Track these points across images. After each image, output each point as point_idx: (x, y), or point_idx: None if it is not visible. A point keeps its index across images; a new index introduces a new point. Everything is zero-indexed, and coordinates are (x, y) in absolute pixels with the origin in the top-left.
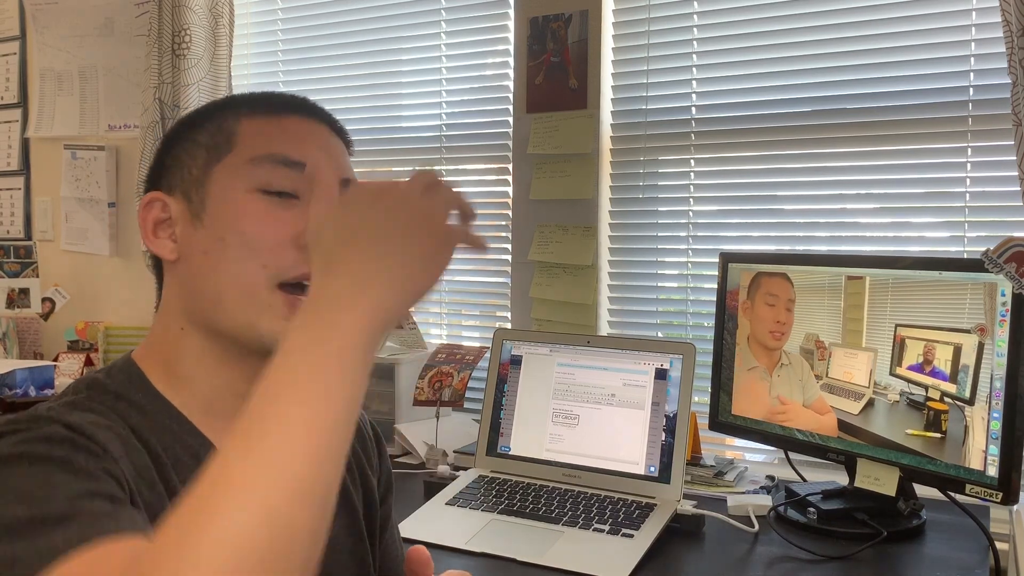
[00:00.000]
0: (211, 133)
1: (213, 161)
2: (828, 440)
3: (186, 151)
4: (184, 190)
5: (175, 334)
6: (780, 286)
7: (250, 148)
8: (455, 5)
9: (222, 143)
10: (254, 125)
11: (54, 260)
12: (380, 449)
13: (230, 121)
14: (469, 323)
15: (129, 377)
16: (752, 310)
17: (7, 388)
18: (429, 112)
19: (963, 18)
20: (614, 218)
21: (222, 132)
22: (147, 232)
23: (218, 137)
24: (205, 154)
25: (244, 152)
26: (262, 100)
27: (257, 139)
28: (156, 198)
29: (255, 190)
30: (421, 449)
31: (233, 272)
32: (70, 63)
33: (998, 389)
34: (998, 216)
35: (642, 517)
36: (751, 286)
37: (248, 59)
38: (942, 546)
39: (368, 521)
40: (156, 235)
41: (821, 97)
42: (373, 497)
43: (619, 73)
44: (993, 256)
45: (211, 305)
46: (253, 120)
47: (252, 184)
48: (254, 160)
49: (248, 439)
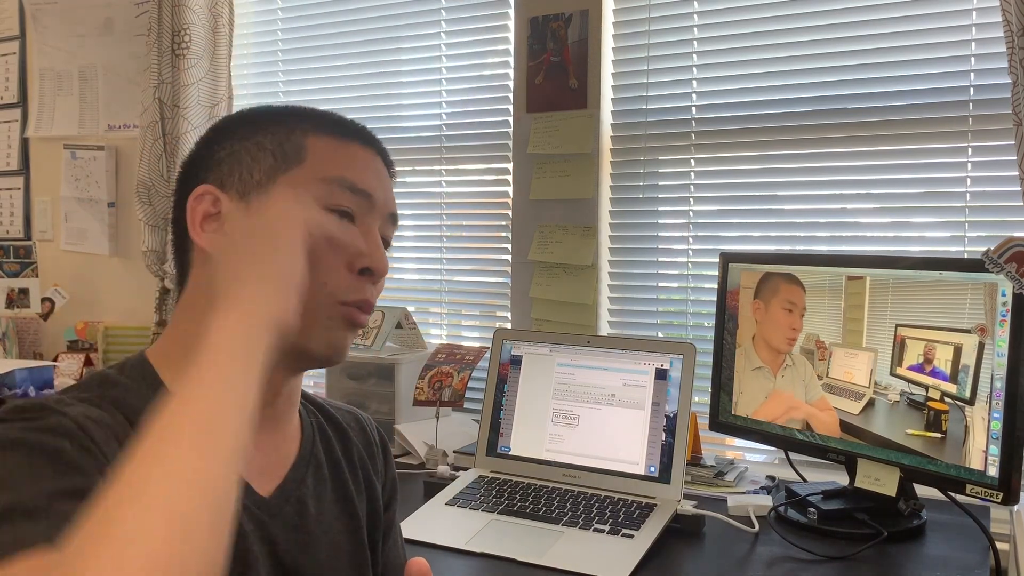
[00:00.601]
0: (279, 140)
1: (280, 170)
2: (828, 440)
3: (247, 151)
4: (243, 191)
5: (197, 332)
6: (797, 294)
7: (321, 167)
8: (455, 5)
9: (291, 154)
10: (325, 145)
11: (54, 260)
12: (386, 456)
13: (298, 134)
14: (469, 323)
15: (143, 375)
16: (765, 312)
17: (7, 388)
18: (429, 112)
19: (963, 18)
20: (614, 218)
21: (291, 143)
22: (195, 223)
23: (287, 146)
24: (272, 160)
25: (315, 169)
26: (329, 121)
27: (328, 160)
28: (209, 191)
29: (321, 208)
30: (421, 449)
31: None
32: (70, 63)
33: (998, 389)
34: (998, 216)
35: (642, 517)
36: (762, 287)
37: (248, 59)
38: (942, 546)
39: (371, 528)
40: (203, 228)
41: (820, 97)
42: (377, 504)
43: (619, 73)
44: (993, 256)
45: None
46: (321, 139)
47: (319, 202)
48: (325, 180)
49: (147, 443)
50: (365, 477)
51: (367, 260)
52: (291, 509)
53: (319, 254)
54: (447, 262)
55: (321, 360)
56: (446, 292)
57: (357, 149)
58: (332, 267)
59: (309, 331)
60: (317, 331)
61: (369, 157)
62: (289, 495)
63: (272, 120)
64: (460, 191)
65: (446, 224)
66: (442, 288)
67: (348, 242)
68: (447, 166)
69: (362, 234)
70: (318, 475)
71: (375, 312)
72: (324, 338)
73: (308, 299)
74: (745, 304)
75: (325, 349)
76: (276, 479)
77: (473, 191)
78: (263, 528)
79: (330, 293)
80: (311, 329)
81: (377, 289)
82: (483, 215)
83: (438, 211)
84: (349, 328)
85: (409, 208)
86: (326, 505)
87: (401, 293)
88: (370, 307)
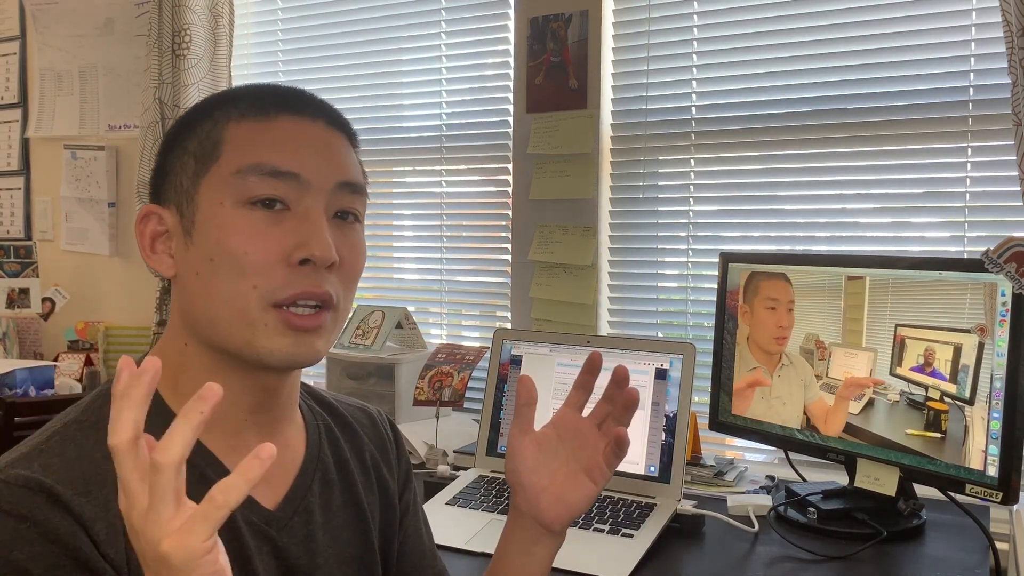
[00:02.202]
0: (199, 140)
1: (201, 172)
2: (828, 440)
3: (178, 158)
4: (177, 202)
5: (180, 349)
6: (779, 288)
7: (237, 158)
8: (455, 5)
9: (209, 151)
10: (242, 130)
11: (54, 260)
12: (399, 446)
13: (219, 126)
14: (469, 323)
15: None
16: (751, 315)
17: (7, 388)
18: (429, 112)
19: (963, 18)
20: (614, 218)
21: (209, 139)
22: (144, 248)
23: (206, 144)
24: (194, 164)
25: (231, 162)
26: (251, 98)
27: (244, 147)
28: (152, 211)
29: (243, 204)
30: (421, 449)
31: (224, 294)
32: (70, 63)
33: (998, 389)
34: (998, 216)
35: (642, 517)
36: (747, 289)
37: (248, 59)
38: (942, 546)
39: (384, 525)
40: (154, 250)
41: (821, 97)
42: (392, 501)
43: (619, 73)
44: (993, 256)
45: (207, 325)
46: (241, 125)
47: (239, 198)
48: (240, 172)
49: None
50: (378, 476)
51: (304, 249)
52: (299, 520)
53: (240, 254)
54: (447, 262)
55: (277, 369)
56: (446, 292)
57: (283, 124)
58: (261, 266)
59: (253, 341)
60: (260, 340)
61: (300, 128)
62: (296, 505)
63: (199, 118)
64: (460, 191)
65: (446, 224)
66: (442, 288)
67: (279, 236)
68: (447, 166)
69: (299, 220)
70: (325, 479)
71: (375, 312)
72: (266, 347)
73: (241, 305)
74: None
75: (272, 357)
76: (282, 489)
77: (473, 191)
78: (270, 543)
79: (260, 296)
80: (254, 339)
81: (344, 274)
82: (483, 215)
83: (438, 211)
84: (290, 333)
85: (409, 208)
86: (334, 510)
87: (401, 293)
88: (318, 297)
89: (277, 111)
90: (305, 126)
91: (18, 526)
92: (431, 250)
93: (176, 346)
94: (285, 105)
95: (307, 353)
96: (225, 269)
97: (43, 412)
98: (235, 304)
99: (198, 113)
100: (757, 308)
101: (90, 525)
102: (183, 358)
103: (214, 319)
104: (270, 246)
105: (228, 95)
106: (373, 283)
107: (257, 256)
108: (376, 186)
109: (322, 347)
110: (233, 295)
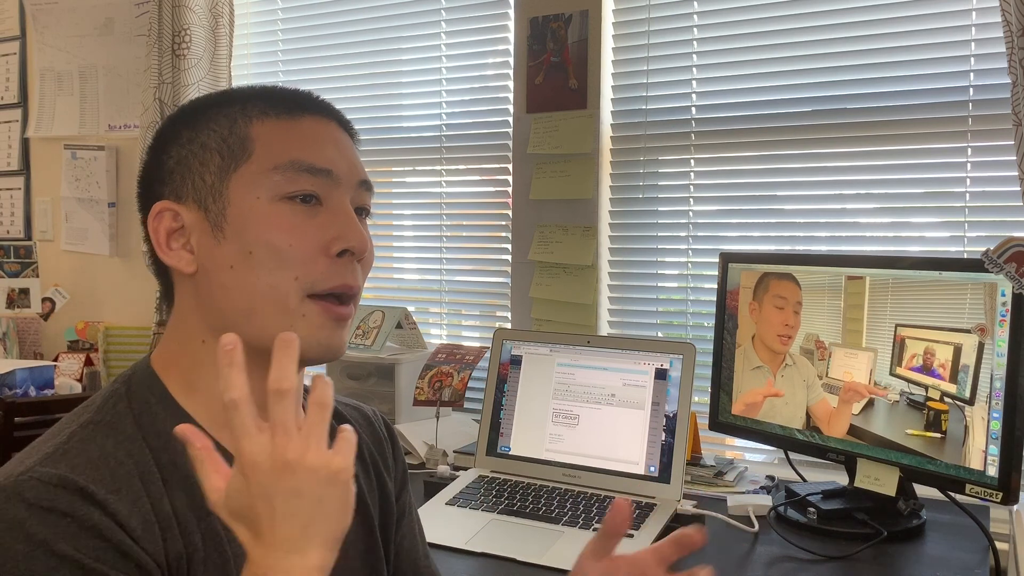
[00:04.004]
0: (221, 136)
1: (230, 169)
2: (828, 440)
3: (194, 155)
4: (199, 199)
5: (196, 347)
6: (789, 288)
7: (271, 155)
8: (455, 5)
9: (237, 149)
10: (270, 129)
11: (54, 260)
12: (395, 446)
13: (241, 123)
14: (469, 323)
15: (151, 388)
16: (760, 312)
17: (7, 388)
18: (429, 112)
19: (963, 18)
20: (614, 218)
21: (235, 136)
22: (160, 244)
23: (231, 141)
24: (219, 160)
25: (265, 160)
26: (272, 99)
27: (277, 145)
28: (166, 208)
29: (280, 199)
30: (421, 449)
31: (265, 285)
32: (70, 63)
33: (998, 389)
34: (998, 216)
35: (642, 517)
36: (758, 287)
37: (248, 59)
38: (942, 546)
39: (384, 524)
40: (170, 247)
41: (821, 97)
42: (389, 500)
43: (619, 73)
44: (993, 256)
45: (243, 318)
46: (267, 123)
47: (277, 193)
48: (277, 168)
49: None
50: (376, 474)
51: (343, 241)
52: None
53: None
54: (447, 262)
55: (313, 360)
56: (446, 292)
57: (308, 123)
58: (303, 258)
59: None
60: (299, 330)
61: (323, 127)
62: None
63: (212, 114)
64: (460, 191)
65: (446, 224)
66: (442, 288)
67: (316, 229)
68: (447, 166)
69: (333, 213)
70: None
71: (375, 312)
72: (304, 337)
73: (281, 296)
74: (744, 304)
75: (313, 349)
76: None
77: (473, 191)
78: None
79: (301, 288)
80: (292, 329)
81: (364, 267)
82: (483, 215)
83: (438, 211)
84: (328, 324)
85: (409, 208)
86: None
87: (401, 293)
88: (352, 290)
89: (300, 111)
90: (326, 125)
91: (59, 521)
92: (431, 250)
93: (191, 344)
94: (305, 106)
95: (339, 345)
96: (266, 262)
97: (43, 412)
98: (274, 295)
99: (206, 111)
100: (766, 306)
101: (125, 521)
102: (199, 356)
103: (250, 311)
104: (309, 238)
105: (238, 94)
106: (373, 283)
107: (299, 248)
108: (376, 186)
109: (347, 339)
110: (273, 287)
